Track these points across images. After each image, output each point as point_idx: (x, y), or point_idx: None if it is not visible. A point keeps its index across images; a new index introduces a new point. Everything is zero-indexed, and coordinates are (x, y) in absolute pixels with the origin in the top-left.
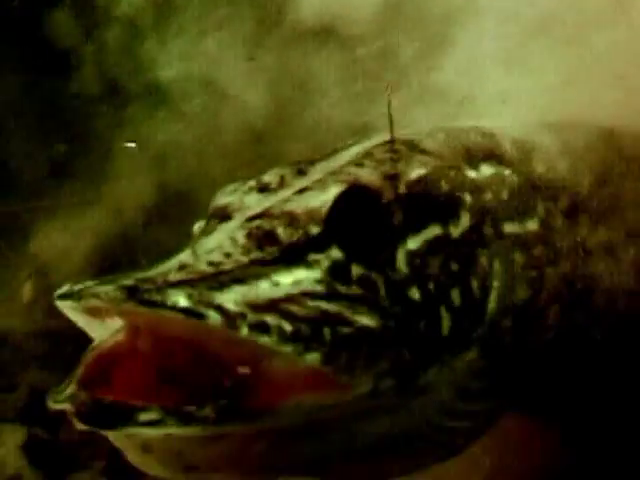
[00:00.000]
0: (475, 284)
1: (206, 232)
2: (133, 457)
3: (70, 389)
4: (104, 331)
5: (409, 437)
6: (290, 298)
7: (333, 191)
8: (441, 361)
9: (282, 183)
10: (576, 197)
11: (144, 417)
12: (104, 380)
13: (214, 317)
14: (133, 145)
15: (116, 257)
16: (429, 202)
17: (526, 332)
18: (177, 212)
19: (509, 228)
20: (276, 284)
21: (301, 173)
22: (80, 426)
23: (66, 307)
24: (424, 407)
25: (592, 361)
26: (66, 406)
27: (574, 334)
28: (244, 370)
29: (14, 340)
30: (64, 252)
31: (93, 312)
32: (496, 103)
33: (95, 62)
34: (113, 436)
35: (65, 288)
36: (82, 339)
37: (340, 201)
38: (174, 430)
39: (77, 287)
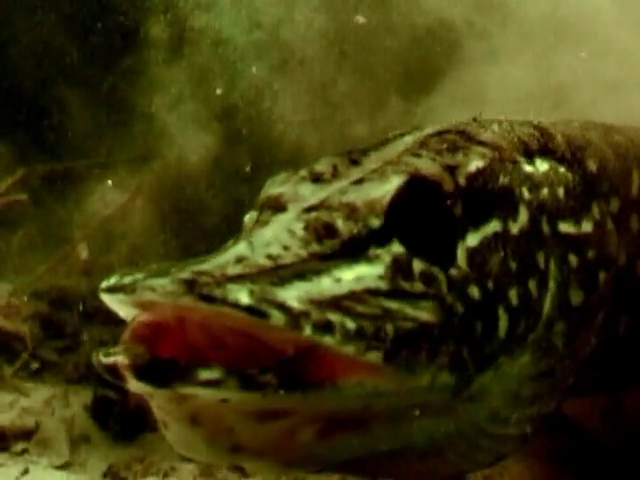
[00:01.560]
0: (532, 284)
1: (260, 223)
2: (178, 432)
3: (123, 344)
4: None
5: (454, 440)
6: (353, 295)
7: (394, 181)
8: (496, 364)
9: (335, 173)
10: (626, 197)
11: (205, 375)
12: (154, 342)
13: (277, 317)
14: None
15: (174, 215)
16: (488, 196)
17: (576, 337)
18: (239, 169)
19: (564, 228)
20: (338, 280)
21: (354, 163)
22: (132, 383)
23: (114, 300)
24: (473, 413)
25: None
26: (120, 359)
27: (616, 340)
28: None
29: (74, 299)
30: (120, 210)
31: (143, 306)
32: None
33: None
34: (159, 404)
35: (113, 280)
36: None
37: (402, 192)
38: (233, 394)
39: (127, 279)
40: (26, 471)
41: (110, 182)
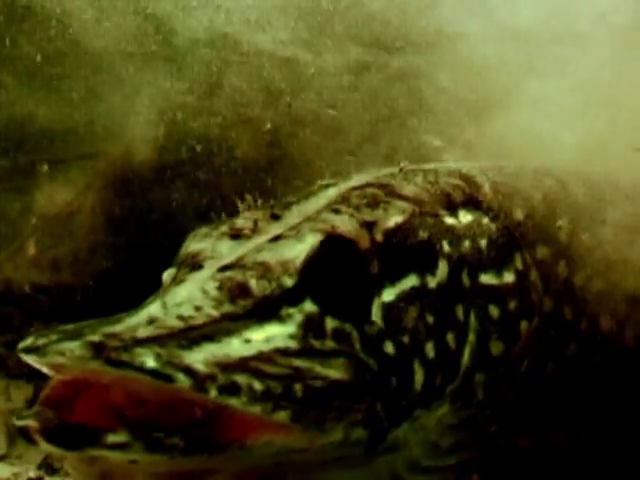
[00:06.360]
0: (450, 337)
1: (177, 281)
2: None
3: (36, 407)
4: None
5: None
6: (261, 356)
7: (309, 240)
8: (413, 417)
9: (255, 228)
10: (554, 244)
11: (112, 439)
12: (71, 402)
13: (182, 380)
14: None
15: (122, 213)
16: (406, 251)
17: (498, 387)
18: (187, 168)
19: (485, 279)
20: (247, 341)
21: (275, 217)
22: (44, 446)
23: (30, 360)
24: (392, 463)
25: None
26: (31, 423)
27: (545, 385)
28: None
29: (19, 294)
30: (69, 207)
31: (57, 368)
32: None
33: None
34: (72, 461)
35: (29, 341)
36: (90, 293)
37: (316, 252)
38: (140, 456)
39: (41, 341)
40: None
41: (60, 179)
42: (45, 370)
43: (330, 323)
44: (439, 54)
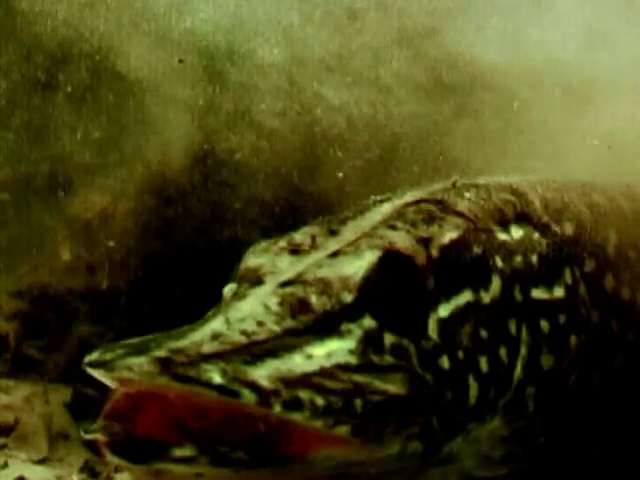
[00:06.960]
0: (503, 352)
1: (238, 296)
2: None
3: (102, 421)
4: None
5: None
6: (323, 371)
7: (368, 257)
8: (467, 430)
9: (314, 244)
10: (602, 258)
11: (178, 453)
12: (134, 415)
13: (248, 396)
14: None
15: (156, 218)
16: (461, 266)
17: (548, 399)
18: (223, 173)
19: (537, 294)
20: (309, 357)
21: (332, 233)
22: (110, 458)
23: (95, 374)
24: (445, 474)
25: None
26: (98, 436)
27: (590, 396)
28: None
29: (56, 299)
30: (104, 212)
31: (122, 382)
32: None
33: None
34: (137, 473)
35: (95, 355)
36: (124, 298)
37: (374, 268)
38: (206, 470)
39: (108, 356)
40: (5, 465)
41: (95, 184)
42: (110, 383)
43: (389, 338)
44: (494, 92)
